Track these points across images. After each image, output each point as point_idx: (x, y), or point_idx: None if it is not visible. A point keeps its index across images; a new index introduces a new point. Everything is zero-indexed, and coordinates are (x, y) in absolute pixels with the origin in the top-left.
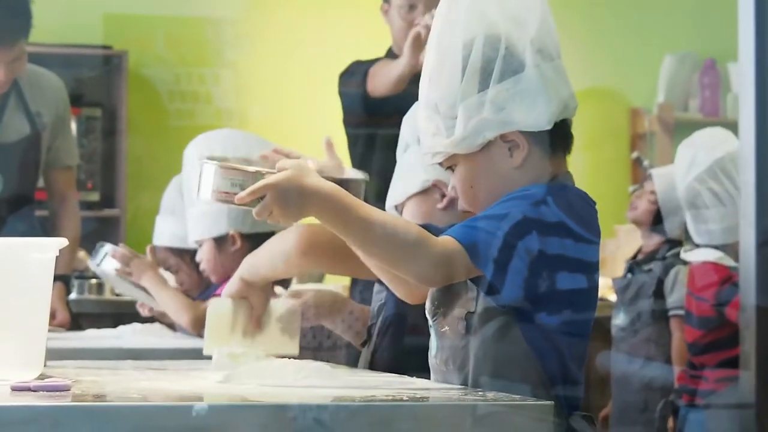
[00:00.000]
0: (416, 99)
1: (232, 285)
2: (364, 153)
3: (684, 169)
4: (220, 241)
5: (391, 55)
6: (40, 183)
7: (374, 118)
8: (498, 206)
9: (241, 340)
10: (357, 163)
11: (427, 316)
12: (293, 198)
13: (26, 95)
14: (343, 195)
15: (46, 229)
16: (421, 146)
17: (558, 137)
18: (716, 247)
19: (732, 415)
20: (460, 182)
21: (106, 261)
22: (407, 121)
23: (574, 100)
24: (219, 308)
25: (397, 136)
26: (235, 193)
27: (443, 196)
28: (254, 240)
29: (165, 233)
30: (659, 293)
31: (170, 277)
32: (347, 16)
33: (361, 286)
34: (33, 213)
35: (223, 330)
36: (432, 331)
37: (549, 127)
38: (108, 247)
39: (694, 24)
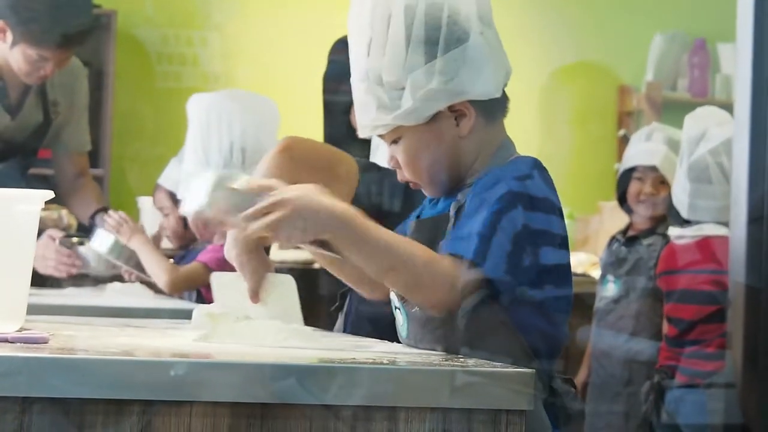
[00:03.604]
0: None
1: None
2: (339, 121)
3: (693, 141)
4: None
5: None
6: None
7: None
8: (488, 193)
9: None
10: (329, 131)
11: (393, 297)
12: (309, 217)
13: (47, 82)
14: (360, 217)
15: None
16: (358, 119)
17: (499, 103)
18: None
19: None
20: (404, 154)
21: (98, 241)
22: None
23: (510, 66)
24: (221, 282)
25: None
26: (235, 210)
27: None
28: None
29: (170, 177)
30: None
31: (157, 219)
32: None
33: None
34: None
35: (228, 303)
36: (399, 313)
37: (498, 95)
38: (100, 230)
39: (685, 3)
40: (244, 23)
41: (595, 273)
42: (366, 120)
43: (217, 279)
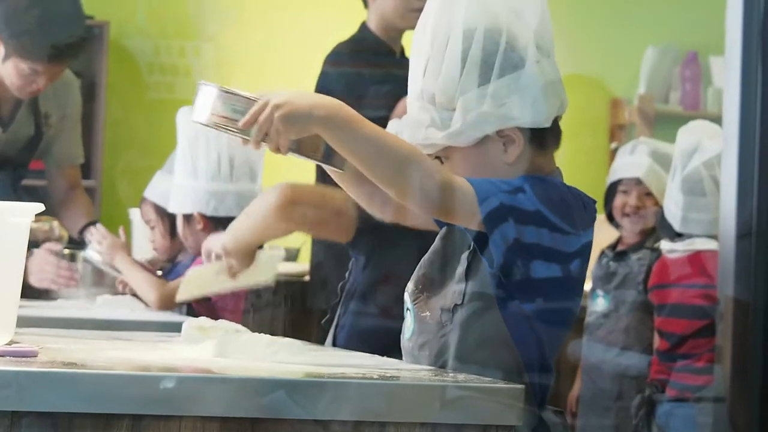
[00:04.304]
0: (396, 82)
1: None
2: None
3: (686, 154)
4: (188, 218)
5: (366, 32)
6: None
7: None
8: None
9: (216, 283)
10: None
11: (407, 297)
12: (299, 113)
13: (39, 95)
14: (349, 110)
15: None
16: (411, 136)
17: (550, 134)
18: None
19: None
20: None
21: (90, 250)
22: None
23: (566, 97)
24: (195, 275)
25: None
26: (234, 119)
27: None
28: (217, 222)
29: (157, 189)
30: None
31: (148, 233)
32: None
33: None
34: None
35: (200, 279)
36: (409, 314)
37: (548, 125)
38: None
39: (677, 16)
40: (237, 34)
41: (587, 286)
42: (417, 138)
43: (190, 273)
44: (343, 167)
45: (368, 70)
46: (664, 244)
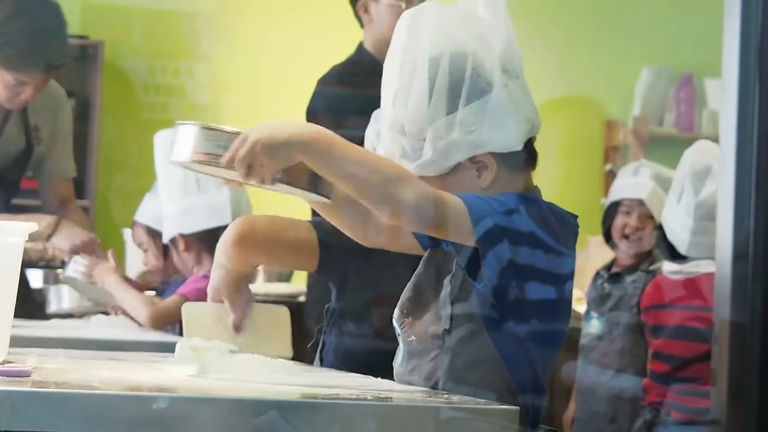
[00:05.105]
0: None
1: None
2: None
3: (698, 177)
4: (174, 242)
5: (363, 53)
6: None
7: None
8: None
9: (217, 332)
10: None
11: (395, 323)
12: (280, 142)
13: (28, 108)
14: (330, 133)
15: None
16: None
17: (525, 156)
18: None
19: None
20: None
21: (72, 268)
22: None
23: (538, 118)
24: (194, 313)
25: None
26: (218, 155)
27: None
28: (197, 239)
29: (147, 211)
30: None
31: (140, 255)
32: (322, 12)
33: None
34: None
35: (203, 335)
36: (400, 339)
37: (519, 148)
38: (76, 257)
39: (672, 38)
40: (231, 54)
41: (582, 308)
42: None
43: (188, 310)
44: (330, 195)
45: (365, 91)
46: (667, 266)
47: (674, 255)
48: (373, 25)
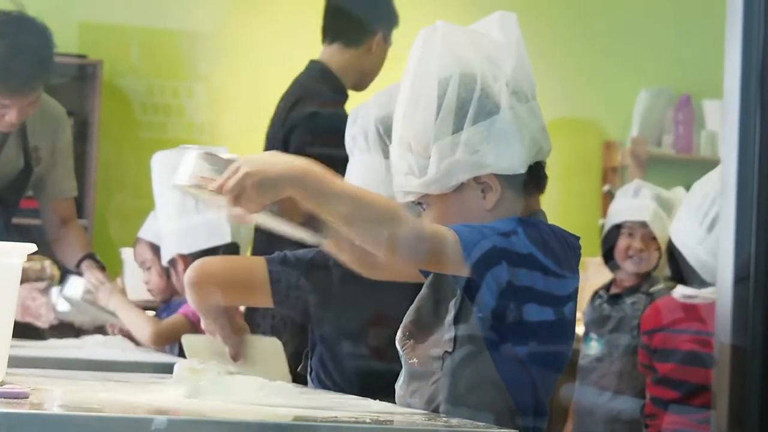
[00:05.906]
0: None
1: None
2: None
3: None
4: (173, 263)
5: (339, 89)
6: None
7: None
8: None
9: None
10: None
11: (397, 345)
12: (270, 178)
13: (27, 128)
14: (320, 169)
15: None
16: (394, 184)
17: (531, 179)
18: None
19: None
20: (431, 221)
21: (71, 287)
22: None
23: (548, 142)
24: (195, 345)
25: (333, 156)
26: (213, 180)
27: None
28: (197, 258)
29: (151, 230)
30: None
31: (140, 275)
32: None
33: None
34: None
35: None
36: (402, 361)
37: (523, 171)
38: (73, 277)
39: (671, 60)
40: (230, 74)
41: (580, 329)
42: (397, 185)
43: (188, 341)
44: (323, 231)
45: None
46: (684, 290)
47: (685, 279)
48: (371, 55)
